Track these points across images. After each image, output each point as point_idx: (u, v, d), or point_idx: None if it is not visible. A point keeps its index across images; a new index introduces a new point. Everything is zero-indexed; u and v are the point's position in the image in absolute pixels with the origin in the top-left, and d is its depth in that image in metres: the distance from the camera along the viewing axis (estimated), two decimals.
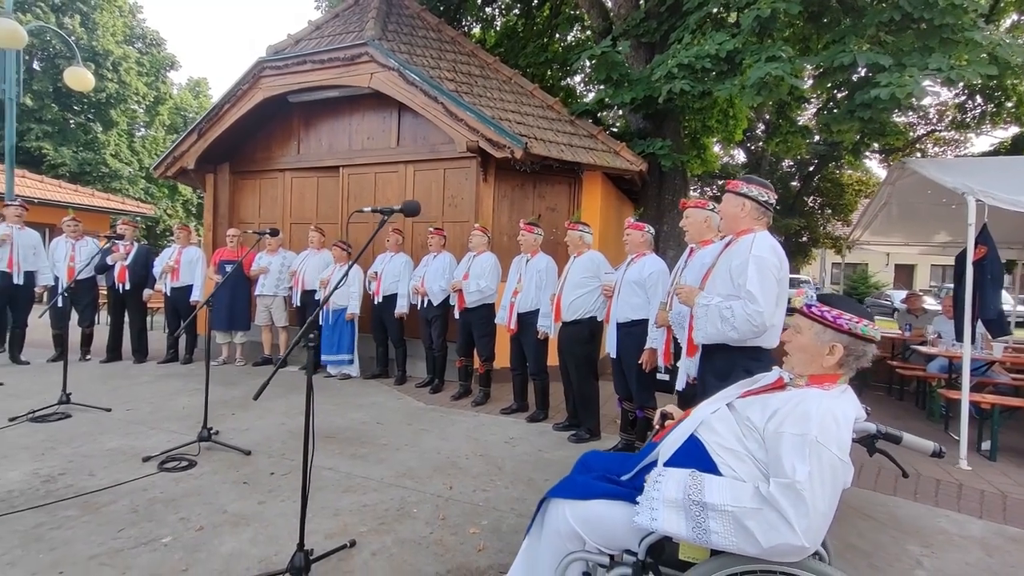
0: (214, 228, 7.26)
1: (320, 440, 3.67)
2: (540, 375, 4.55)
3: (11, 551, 2.16)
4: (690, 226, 3.10)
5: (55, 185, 13.47)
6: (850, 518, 2.88)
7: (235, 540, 2.32)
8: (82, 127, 20.15)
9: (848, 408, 1.33)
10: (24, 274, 5.61)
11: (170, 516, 2.51)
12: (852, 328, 1.42)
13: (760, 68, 4.59)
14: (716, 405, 1.52)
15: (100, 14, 20.26)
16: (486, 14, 11.64)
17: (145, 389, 4.94)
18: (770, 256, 2.15)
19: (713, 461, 1.39)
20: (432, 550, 2.32)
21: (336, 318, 5.79)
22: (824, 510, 1.20)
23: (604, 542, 1.45)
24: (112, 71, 20.26)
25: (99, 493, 2.71)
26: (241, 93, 6.48)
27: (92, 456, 3.23)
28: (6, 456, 3.16)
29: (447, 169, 6.24)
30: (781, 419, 1.32)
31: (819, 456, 1.21)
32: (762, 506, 1.22)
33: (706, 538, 1.24)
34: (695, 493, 1.28)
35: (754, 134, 19.28)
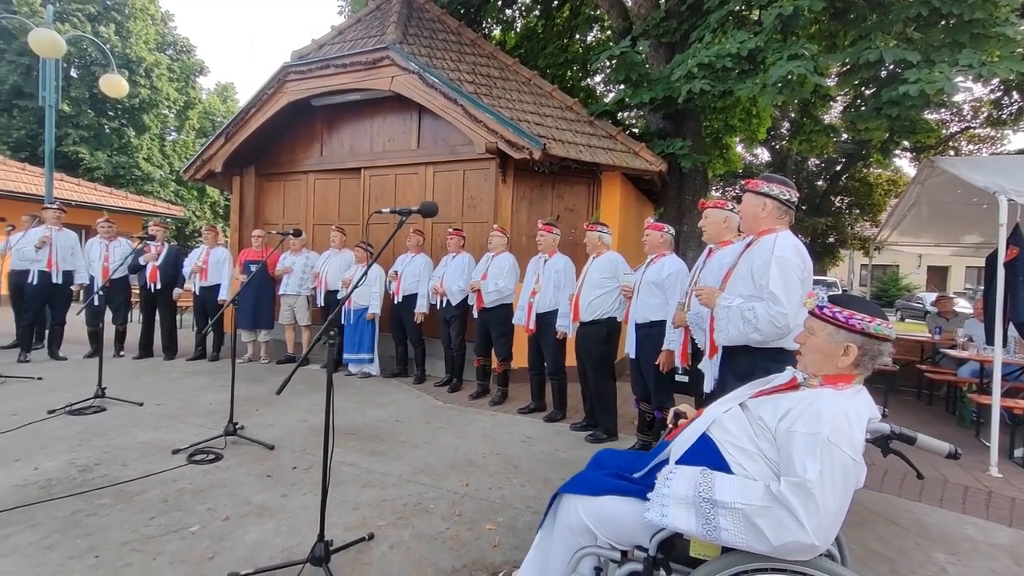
0: (240, 229, 7.45)
1: (341, 437, 3.76)
2: (558, 375, 4.56)
3: (50, 535, 2.27)
4: (709, 226, 3.08)
5: (91, 188, 13.97)
6: (872, 523, 2.83)
7: (259, 530, 2.40)
8: (116, 132, 20.85)
9: (862, 408, 1.32)
10: (63, 273, 5.87)
11: (198, 506, 2.60)
12: (865, 328, 1.41)
13: (782, 66, 4.53)
14: (728, 405, 1.52)
15: (134, 22, 20.95)
16: (506, 16, 11.70)
17: (175, 385, 5.11)
18: (793, 256, 2.12)
19: (725, 460, 1.40)
20: (448, 545, 2.36)
21: (357, 318, 5.89)
22: (835, 509, 1.19)
23: (615, 537, 1.46)
24: (145, 77, 20.93)
25: (132, 483, 2.83)
26: (267, 97, 6.65)
27: (125, 448, 3.36)
28: (45, 447, 3.32)
29: (466, 170, 6.30)
30: (793, 418, 1.32)
31: (830, 455, 1.21)
32: (772, 504, 1.22)
33: (716, 535, 1.25)
34: (705, 490, 1.29)
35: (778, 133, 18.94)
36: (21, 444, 3.34)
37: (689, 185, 6.80)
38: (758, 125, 11.22)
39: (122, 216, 13.31)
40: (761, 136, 12.00)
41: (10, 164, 12.74)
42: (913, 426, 1.38)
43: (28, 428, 3.63)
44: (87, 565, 2.07)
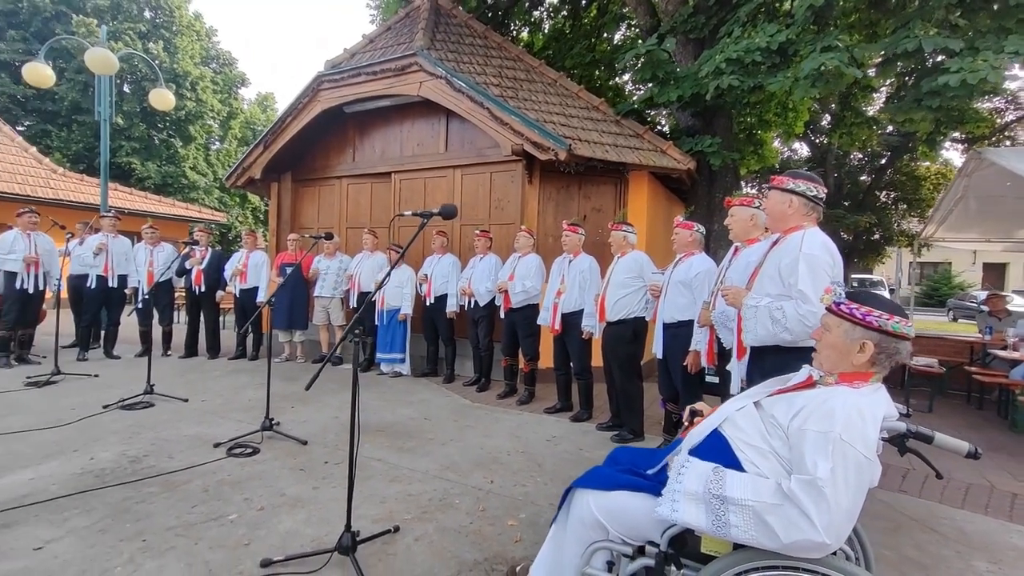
0: (278, 233, 7.75)
1: (370, 434, 3.88)
2: (584, 375, 4.57)
3: (103, 520, 2.44)
4: (735, 224, 3.04)
5: (142, 196, 14.76)
6: (909, 529, 2.73)
7: (291, 520, 2.51)
8: (165, 143, 21.94)
9: (877, 406, 1.30)
10: (117, 278, 6.26)
11: (236, 496, 2.74)
12: (882, 325, 1.38)
13: (814, 59, 4.40)
14: (743, 402, 1.51)
15: (180, 39, 22.02)
16: (534, 17, 11.75)
17: (217, 382, 5.37)
18: (822, 253, 2.08)
19: (736, 457, 1.40)
20: (471, 539, 2.41)
21: (390, 318, 6.03)
22: (848, 507, 1.18)
23: (627, 532, 1.48)
24: (190, 90, 21.95)
25: (176, 473, 3.00)
26: (302, 106, 6.90)
27: (171, 441, 3.56)
28: (99, 439, 3.55)
29: (493, 172, 6.37)
30: (805, 416, 1.31)
31: (843, 453, 1.20)
32: (783, 502, 1.22)
33: (726, 531, 1.26)
34: (716, 487, 1.29)
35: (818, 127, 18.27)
36: (79, 436, 3.59)
37: (720, 183, 6.67)
38: (795, 119, 10.90)
39: (170, 223, 14.01)
40: (798, 130, 11.64)
41: (70, 175, 13.58)
42: (961, 431, 1.34)
43: (85, 421, 3.90)
44: (135, 548, 2.22)
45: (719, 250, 6.72)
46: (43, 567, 2.05)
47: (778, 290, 2.16)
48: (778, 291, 2.16)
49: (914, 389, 5.69)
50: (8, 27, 19.17)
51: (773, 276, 2.19)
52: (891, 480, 3.39)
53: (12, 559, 2.10)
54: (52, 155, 17.49)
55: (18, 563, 2.07)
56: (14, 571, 2.01)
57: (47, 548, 2.19)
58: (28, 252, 5.69)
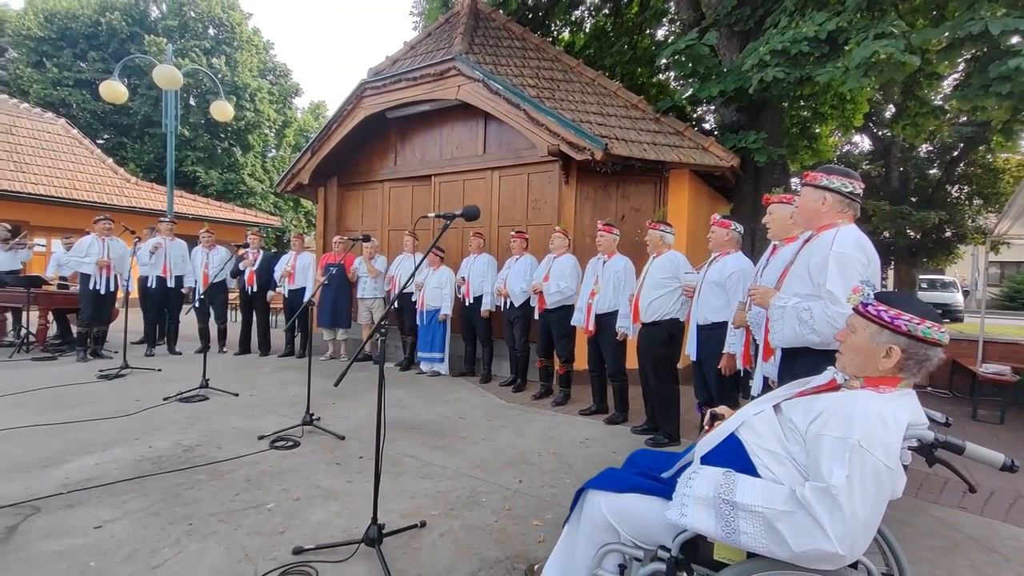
0: (324, 236, 8.06)
1: (405, 431, 3.98)
2: (618, 377, 4.50)
3: (156, 504, 2.62)
4: (773, 223, 2.92)
5: (204, 202, 15.72)
6: (966, 548, 2.54)
7: (324, 511, 2.62)
8: (226, 152, 23.27)
9: (901, 412, 1.22)
10: (175, 278, 6.70)
11: (275, 486, 2.88)
12: (911, 330, 1.29)
13: (866, 47, 4.16)
14: (762, 406, 1.46)
15: (241, 53, 23.30)
16: (574, 17, 11.68)
17: (266, 378, 5.64)
18: (854, 252, 1.97)
19: (752, 462, 1.35)
20: (495, 537, 2.43)
21: (430, 319, 6.15)
22: (865, 518, 1.12)
23: (638, 535, 1.45)
24: (249, 101, 23.17)
25: (223, 463, 3.19)
26: (346, 113, 7.15)
27: (221, 432, 3.78)
28: (159, 428, 3.81)
29: (531, 173, 6.39)
30: (824, 421, 1.25)
31: (861, 461, 1.14)
32: (796, 509, 1.16)
33: (735, 538, 1.21)
34: (726, 492, 1.25)
35: (881, 118, 17.19)
36: (140, 425, 3.87)
37: (766, 180, 6.41)
38: (853, 111, 10.33)
39: (229, 227, 14.85)
40: (857, 123, 11.00)
41: (142, 184, 14.66)
42: None
43: (147, 412, 4.20)
44: (182, 530, 2.37)
45: (765, 249, 6.46)
46: (100, 545, 2.23)
47: (808, 290, 2.06)
48: (808, 291, 2.06)
49: (984, 398, 5.27)
50: (89, 48, 20.89)
51: (803, 275, 2.09)
52: (950, 496, 3.16)
53: (74, 536, 2.29)
54: (127, 166, 18.92)
55: (79, 540, 2.26)
56: (75, 547, 2.20)
57: (105, 527, 2.38)
58: (101, 256, 6.18)
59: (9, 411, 4.07)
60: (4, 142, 12.46)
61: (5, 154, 12.16)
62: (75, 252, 6.22)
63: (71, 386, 4.96)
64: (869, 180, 16.59)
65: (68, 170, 13.04)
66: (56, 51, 20.36)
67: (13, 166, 11.97)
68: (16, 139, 12.77)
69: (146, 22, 22.03)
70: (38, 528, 2.35)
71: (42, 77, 19.92)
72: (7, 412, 4.04)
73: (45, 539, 2.26)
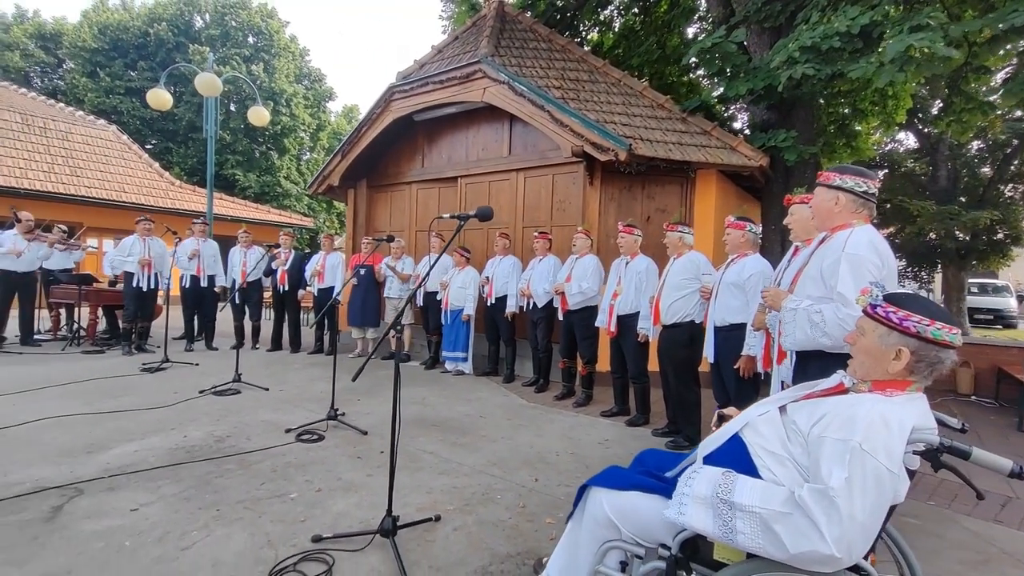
0: (354, 236, 8.26)
1: (426, 428, 4.06)
2: (640, 379, 4.47)
3: (188, 490, 2.77)
4: (795, 224, 2.87)
5: (242, 204, 16.33)
6: (1000, 563, 2.43)
7: (344, 502, 2.71)
8: (263, 155, 24.09)
9: (906, 416, 1.19)
10: (207, 277, 7.00)
11: (299, 477, 2.99)
12: (921, 331, 1.26)
13: (901, 41, 4.01)
14: (767, 407, 1.45)
15: (278, 60, 24.11)
16: (603, 16, 11.61)
17: (296, 374, 5.83)
18: (866, 253, 1.93)
19: (754, 463, 1.34)
20: (507, 533, 2.47)
21: (454, 318, 6.24)
22: (863, 521, 1.10)
23: (638, 533, 1.46)
24: (285, 106, 23.94)
25: (251, 454, 3.32)
26: (375, 116, 7.32)
27: (251, 424, 3.94)
28: (194, 420, 4.00)
29: (555, 175, 6.40)
30: (827, 423, 1.23)
31: (862, 464, 1.12)
32: (793, 511, 1.16)
33: (732, 537, 1.21)
34: (724, 492, 1.25)
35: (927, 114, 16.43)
36: (177, 416, 4.07)
37: (797, 179, 6.23)
38: (895, 107, 9.94)
39: (266, 228, 15.35)
40: (900, 119, 10.57)
41: (185, 187, 15.33)
42: None
43: (183, 404, 4.40)
44: (210, 516, 2.50)
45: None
46: (135, 526, 2.37)
47: (820, 292, 2.02)
48: (820, 293, 2.02)
49: None
50: (139, 58, 21.98)
51: (815, 277, 2.05)
52: (986, 509, 3.03)
53: (112, 517, 2.44)
54: (172, 169, 19.80)
55: (116, 521, 2.41)
56: (112, 528, 2.35)
57: (141, 510, 2.52)
58: (143, 255, 6.51)
59: (60, 400, 4.34)
60: (61, 148, 13.25)
61: (62, 159, 12.93)
62: (119, 252, 6.58)
63: (116, 378, 5.25)
64: (914, 179, 15.88)
65: (118, 174, 13.76)
66: (109, 61, 21.51)
67: (69, 171, 12.72)
68: (72, 145, 13.55)
69: (191, 32, 23.03)
70: (81, 509, 2.51)
71: (96, 86, 21.07)
72: (59, 401, 4.31)
73: (87, 519, 2.41)
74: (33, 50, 22.01)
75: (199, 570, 2.06)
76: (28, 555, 2.11)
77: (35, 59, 22.23)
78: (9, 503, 2.53)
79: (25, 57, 21.92)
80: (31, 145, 12.71)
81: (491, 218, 2.29)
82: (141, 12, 23.02)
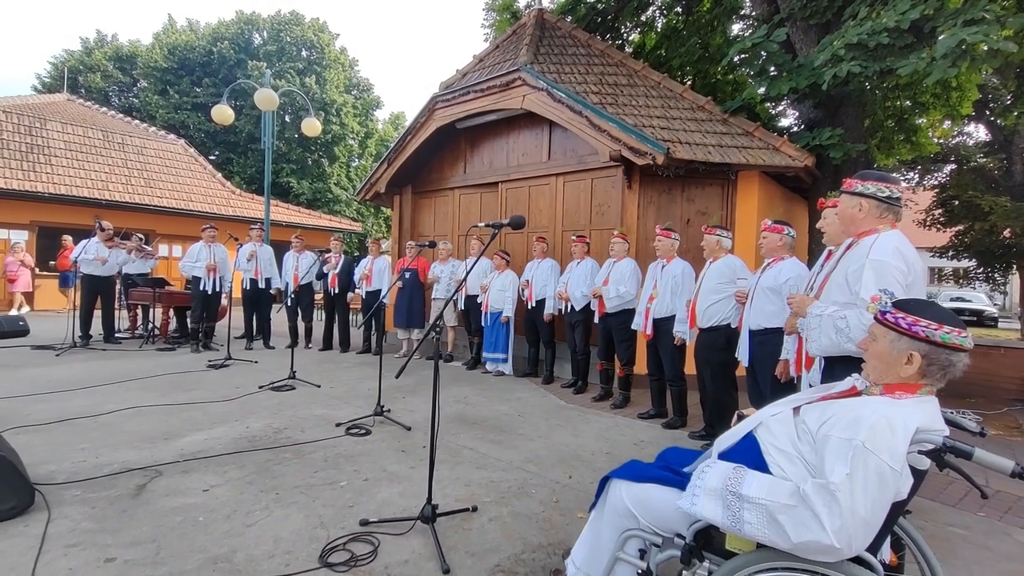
0: (399, 241, 8.60)
1: (466, 425, 4.24)
2: (676, 382, 4.49)
3: (250, 475, 3.05)
4: (828, 227, 2.85)
5: (296, 210, 17.21)
6: None
7: (389, 491, 2.91)
8: (316, 163, 25.23)
9: (911, 418, 1.24)
10: (264, 280, 7.47)
11: (348, 467, 3.23)
12: (930, 336, 1.31)
13: (953, 35, 3.87)
14: (780, 408, 1.51)
15: (329, 71, 25.21)
16: (645, 17, 11.53)
17: (345, 373, 6.17)
18: (891, 259, 1.94)
19: (765, 460, 1.41)
20: (540, 526, 2.60)
21: (494, 320, 6.42)
22: (864, 515, 1.16)
23: (655, 522, 1.56)
24: (336, 116, 24.97)
25: (305, 445, 3.60)
26: (419, 125, 7.62)
27: (305, 418, 4.24)
28: (254, 412, 4.35)
29: (594, 179, 6.48)
30: (834, 423, 1.30)
31: (864, 461, 1.18)
32: (797, 504, 1.23)
33: (740, 527, 1.30)
34: (734, 484, 1.34)
35: (998, 105, 15.33)
36: (239, 409, 4.43)
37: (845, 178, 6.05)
38: (959, 99, 9.40)
39: (317, 233, 16.10)
40: (965, 111, 9.97)
41: (245, 196, 16.30)
42: None
43: (245, 398, 4.77)
44: (270, 498, 2.75)
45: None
46: (207, 504, 2.65)
47: (846, 298, 2.04)
48: (846, 299, 2.04)
49: None
50: (204, 75, 23.51)
51: (841, 283, 2.07)
52: None
53: (188, 496, 2.74)
54: (233, 179, 21.06)
55: (191, 499, 2.70)
56: (188, 505, 2.64)
57: (211, 491, 2.81)
58: (208, 260, 7.05)
59: (140, 392, 4.81)
60: (137, 162, 14.41)
61: (137, 172, 14.06)
62: (187, 258, 7.14)
63: (186, 373, 5.73)
64: (986, 174, 14.87)
65: (186, 185, 14.82)
66: (177, 79, 23.14)
67: (144, 183, 13.82)
68: (146, 159, 14.71)
69: (250, 48, 24.43)
70: (161, 488, 2.83)
71: (166, 103, 22.71)
72: (139, 393, 4.77)
73: (166, 497, 2.72)
74: (112, 71, 23.96)
75: (262, 543, 2.30)
76: (120, 525, 2.41)
77: (113, 79, 24.19)
78: (102, 480, 2.88)
79: (105, 78, 23.89)
80: (111, 160, 13.90)
81: (524, 226, 2.42)
82: (206, 32, 24.64)
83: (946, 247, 13.93)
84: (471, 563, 2.24)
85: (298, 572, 2.11)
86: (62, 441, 3.49)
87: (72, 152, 13.28)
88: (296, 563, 2.17)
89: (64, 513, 2.50)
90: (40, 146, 12.80)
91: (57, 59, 23.85)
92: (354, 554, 2.24)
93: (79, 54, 24.02)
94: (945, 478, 3.56)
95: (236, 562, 2.16)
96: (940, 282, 24.45)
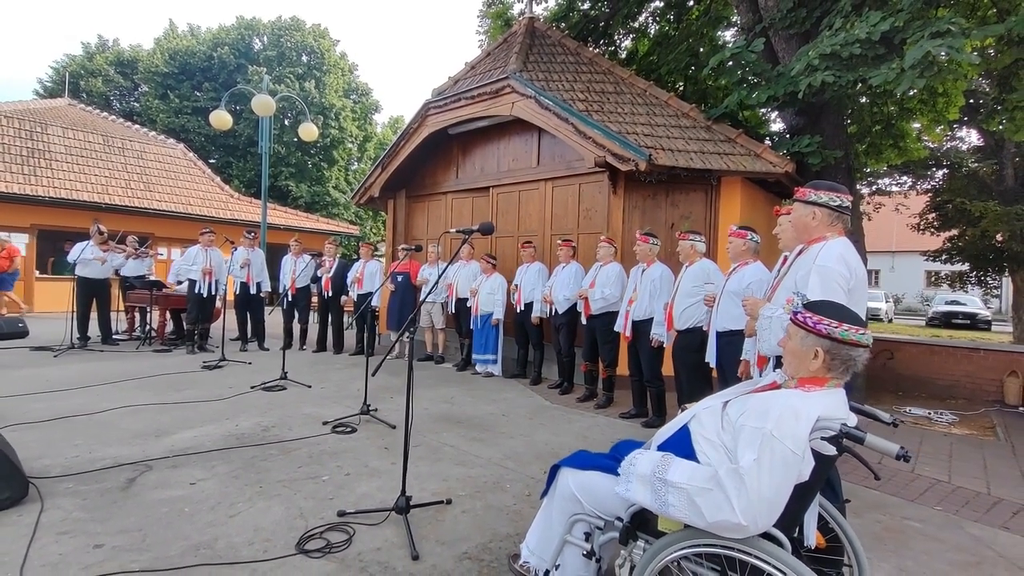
0: (393, 244, 8.73)
1: (450, 423, 4.37)
2: (655, 382, 4.62)
3: (237, 470, 3.18)
4: (783, 234, 2.98)
5: (294, 213, 17.38)
6: (992, 566, 2.47)
7: (368, 485, 3.04)
8: (315, 167, 25.41)
9: (813, 408, 1.37)
10: (255, 284, 7.62)
11: (331, 463, 3.36)
12: (831, 332, 1.45)
13: (920, 47, 4.01)
14: (712, 402, 1.65)
15: (328, 76, 25.43)
16: (638, 24, 11.69)
17: (336, 373, 6.29)
18: (835, 265, 2.08)
19: (694, 449, 1.55)
20: (510, 517, 2.72)
21: (483, 322, 6.55)
22: (769, 496, 1.29)
23: (598, 507, 1.69)
24: (335, 120, 25.18)
25: (292, 442, 3.73)
26: (412, 131, 7.77)
27: (293, 417, 4.37)
28: (245, 411, 4.47)
29: (581, 184, 6.62)
30: (749, 414, 1.43)
31: (771, 448, 1.31)
32: (714, 487, 1.36)
33: (666, 509, 1.43)
34: (661, 471, 1.47)
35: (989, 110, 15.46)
36: (231, 408, 4.56)
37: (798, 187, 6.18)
38: (946, 105, 9.54)
39: (315, 236, 16.25)
40: (952, 116, 10.12)
41: (243, 199, 16.46)
42: None
43: (236, 397, 4.91)
44: (254, 491, 2.88)
45: None
46: (193, 496, 2.78)
47: None
48: None
49: None
50: (204, 80, 23.72)
51: (791, 287, 2.21)
52: (997, 515, 3.03)
53: (175, 489, 2.87)
54: (232, 183, 21.22)
55: (178, 492, 2.83)
56: (175, 497, 2.77)
57: (198, 484, 2.94)
58: (204, 264, 7.19)
59: (135, 392, 4.94)
60: (136, 166, 14.58)
61: (137, 176, 14.23)
62: (184, 261, 7.29)
63: (181, 374, 5.86)
64: (978, 179, 15.02)
65: (185, 188, 14.98)
66: (178, 84, 23.34)
67: (143, 186, 13.98)
68: (145, 163, 14.88)
69: (250, 53, 24.65)
70: (150, 481, 2.96)
71: (166, 107, 22.91)
72: (134, 392, 4.91)
73: (154, 489, 2.85)
74: (113, 76, 24.18)
75: (243, 532, 2.43)
76: (109, 515, 2.54)
77: (115, 84, 24.41)
78: (94, 474, 3.01)
79: (106, 83, 24.11)
80: (111, 164, 14.07)
81: (493, 232, 2.57)
82: (206, 37, 24.87)
83: (940, 251, 14.08)
84: (440, 551, 2.37)
85: (275, 557, 2.24)
86: (57, 437, 3.62)
87: (73, 156, 13.45)
88: (274, 550, 2.30)
89: (57, 504, 2.63)
90: (41, 150, 12.98)
91: (59, 63, 24.10)
92: (330, 542, 2.37)
93: (81, 58, 24.26)
94: (910, 474, 3.69)
95: (217, 548, 2.29)
96: (935, 285, 24.55)
